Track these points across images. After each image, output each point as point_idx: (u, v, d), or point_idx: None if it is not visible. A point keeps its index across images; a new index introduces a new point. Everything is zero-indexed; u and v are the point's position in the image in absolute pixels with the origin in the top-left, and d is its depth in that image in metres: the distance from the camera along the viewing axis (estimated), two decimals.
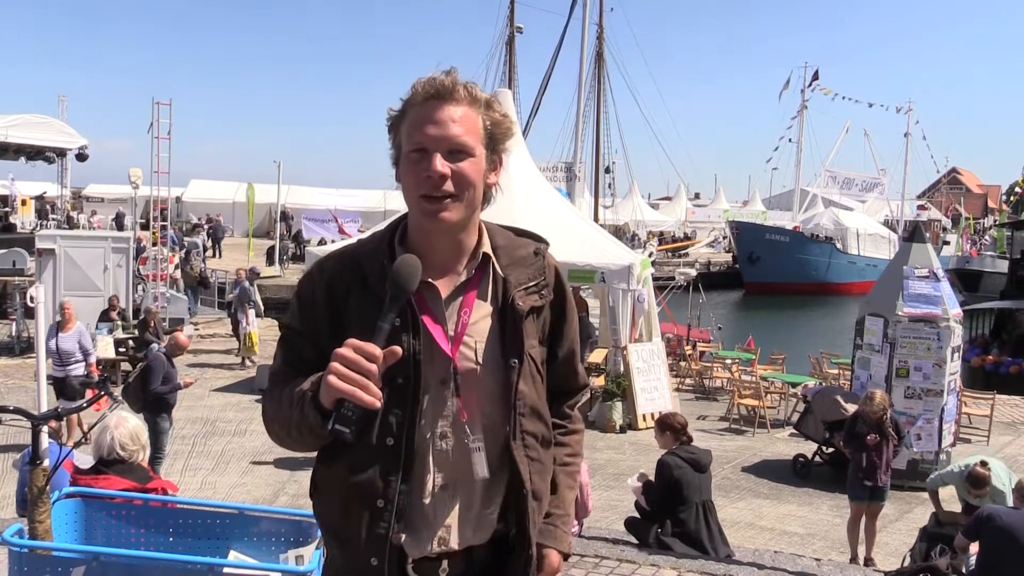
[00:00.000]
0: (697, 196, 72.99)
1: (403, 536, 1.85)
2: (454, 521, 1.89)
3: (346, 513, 1.87)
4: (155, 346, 10.37)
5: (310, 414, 1.73)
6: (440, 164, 1.78)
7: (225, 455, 10.37)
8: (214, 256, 31.47)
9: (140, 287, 18.34)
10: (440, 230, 1.85)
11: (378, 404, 1.66)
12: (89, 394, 9.88)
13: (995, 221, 62.59)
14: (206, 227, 34.68)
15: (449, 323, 1.89)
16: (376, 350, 1.67)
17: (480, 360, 1.90)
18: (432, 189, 1.80)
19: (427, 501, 1.87)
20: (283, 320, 2.05)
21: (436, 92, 1.82)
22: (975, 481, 7.33)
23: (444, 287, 1.90)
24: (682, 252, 48.14)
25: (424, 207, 1.82)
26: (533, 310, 1.97)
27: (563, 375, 2.11)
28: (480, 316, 1.92)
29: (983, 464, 7.38)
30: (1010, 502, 7.18)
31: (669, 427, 7.13)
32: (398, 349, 1.72)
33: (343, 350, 1.67)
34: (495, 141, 1.91)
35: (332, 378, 1.65)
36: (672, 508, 6.80)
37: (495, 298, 1.94)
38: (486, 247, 1.95)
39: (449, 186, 1.80)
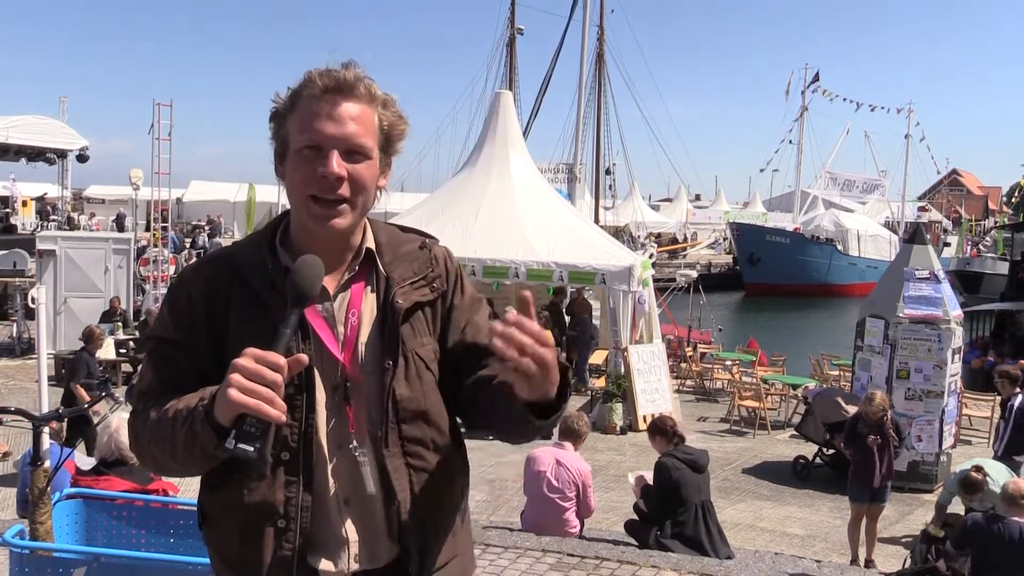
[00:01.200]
0: (698, 197, 72.89)
1: (309, 556, 1.71)
2: (359, 538, 1.76)
3: (245, 539, 1.71)
4: None
5: (202, 433, 1.54)
6: (337, 165, 1.65)
7: None
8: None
9: (141, 288, 18.35)
10: (328, 237, 1.72)
11: (283, 418, 1.51)
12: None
13: (995, 223, 62.58)
14: (206, 228, 34.67)
15: (338, 325, 1.77)
16: (280, 359, 1.50)
17: (366, 364, 1.78)
18: (326, 191, 1.66)
19: (331, 517, 1.74)
20: (150, 331, 1.83)
21: (336, 86, 1.68)
22: (967, 486, 7.37)
23: (329, 286, 1.76)
24: (682, 253, 48.12)
25: (314, 210, 1.68)
26: (419, 305, 1.82)
27: (472, 337, 1.88)
28: (367, 317, 1.79)
29: (977, 469, 7.38)
30: None
31: (659, 431, 7.26)
32: (304, 357, 1.56)
33: (243, 360, 1.49)
34: (389, 142, 1.77)
35: (233, 391, 1.46)
36: (671, 509, 6.82)
37: (379, 297, 1.81)
38: (369, 242, 1.83)
39: (344, 189, 1.67)
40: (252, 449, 1.49)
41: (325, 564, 1.73)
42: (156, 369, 1.76)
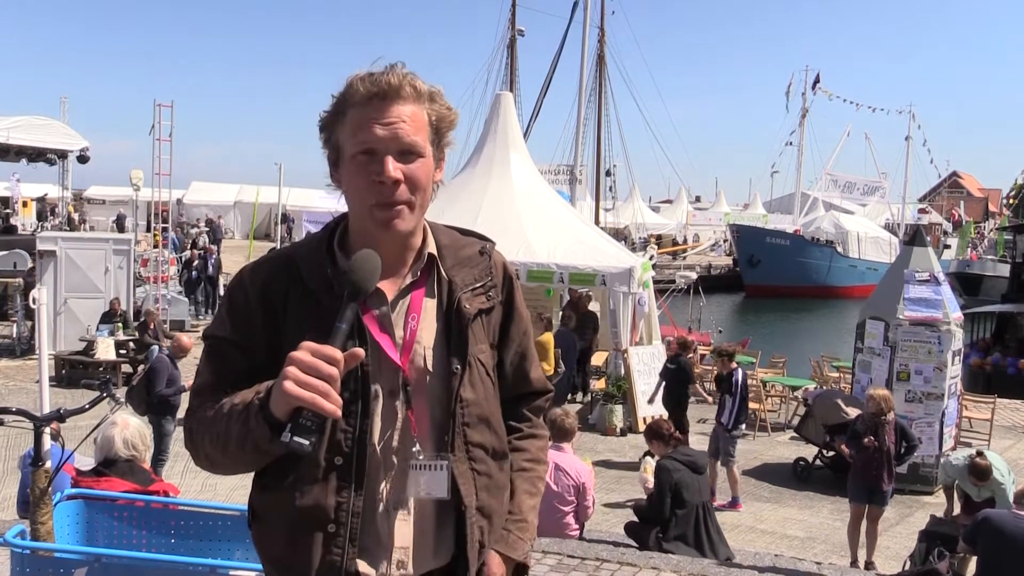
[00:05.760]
0: (698, 199, 72.99)
1: (358, 561, 1.71)
2: (410, 542, 1.76)
3: (294, 541, 1.71)
4: (156, 348, 10.38)
5: (256, 427, 1.55)
6: (393, 168, 1.66)
7: None
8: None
9: (140, 288, 18.37)
10: (391, 239, 1.73)
11: (339, 413, 1.51)
12: None
13: (995, 225, 62.58)
14: (205, 229, 34.63)
15: (396, 329, 1.76)
16: (336, 353, 1.51)
17: (430, 368, 1.77)
18: (386, 196, 1.67)
19: (381, 522, 1.73)
20: (209, 330, 1.83)
21: (381, 92, 1.68)
22: (979, 473, 7.45)
23: (389, 291, 1.77)
24: (682, 255, 48.10)
25: (378, 216, 1.69)
26: (481, 312, 1.84)
27: (513, 380, 1.96)
28: (427, 321, 1.79)
29: (980, 455, 7.46)
30: (1009, 494, 7.27)
31: (656, 435, 7.30)
32: (360, 351, 1.57)
33: (300, 353, 1.50)
34: (440, 136, 1.78)
35: (289, 384, 1.47)
36: (672, 511, 6.83)
37: (440, 301, 1.81)
38: (431, 247, 1.83)
39: (403, 191, 1.68)
40: (307, 443, 1.48)
41: (365, 568, 1.73)
42: (213, 367, 1.77)
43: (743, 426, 10.52)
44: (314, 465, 1.68)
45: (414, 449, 1.75)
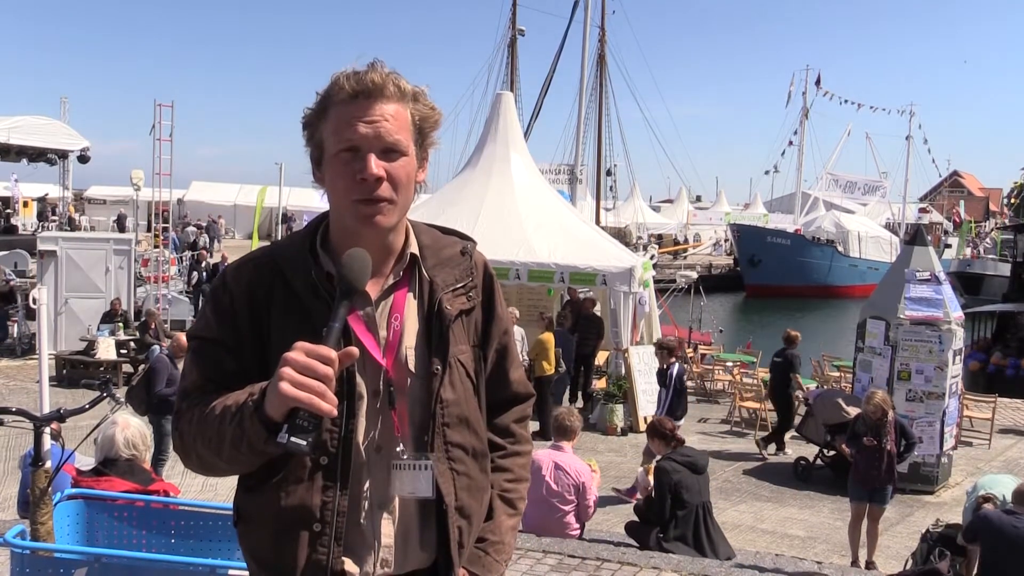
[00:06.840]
0: (699, 199, 72.92)
1: (344, 560, 1.72)
2: (393, 541, 1.77)
3: (280, 541, 1.72)
4: (156, 348, 10.39)
5: (251, 429, 1.54)
6: (375, 166, 1.67)
7: None
8: (211, 257, 31.47)
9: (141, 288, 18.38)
10: (374, 236, 1.73)
11: (335, 413, 1.52)
12: None
13: (996, 224, 62.62)
14: (203, 229, 34.59)
15: (380, 330, 1.77)
16: (331, 352, 1.51)
17: (412, 369, 1.78)
18: (367, 193, 1.68)
19: (366, 521, 1.75)
20: (194, 331, 1.83)
21: (366, 90, 1.69)
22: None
23: (372, 291, 1.77)
24: (683, 254, 48.11)
25: (360, 211, 1.70)
26: (462, 313, 1.85)
27: (493, 381, 1.96)
28: (410, 322, 1.80)
29: (985, 499, 7.16)
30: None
31: (658, 434, 7.29)
32: (354, 350, 1.57)
33: (294, 354, 1.49)
34: (423, 135, 1.79)
35: (285, 385, 1.46)
36: (672, 511, 6.82)
37: (422, 301, 1.82)
38: (413, 247, 1.84)
39: (385, 189, 1.69)
40: (305, 443, 1.49)
41: (350, 567, 1.74)
42: (200, 369, 1.76)
43: (681, 422, 10.63)
44: (300, 465, 1.69)
45: (398, 449, 1.76)
